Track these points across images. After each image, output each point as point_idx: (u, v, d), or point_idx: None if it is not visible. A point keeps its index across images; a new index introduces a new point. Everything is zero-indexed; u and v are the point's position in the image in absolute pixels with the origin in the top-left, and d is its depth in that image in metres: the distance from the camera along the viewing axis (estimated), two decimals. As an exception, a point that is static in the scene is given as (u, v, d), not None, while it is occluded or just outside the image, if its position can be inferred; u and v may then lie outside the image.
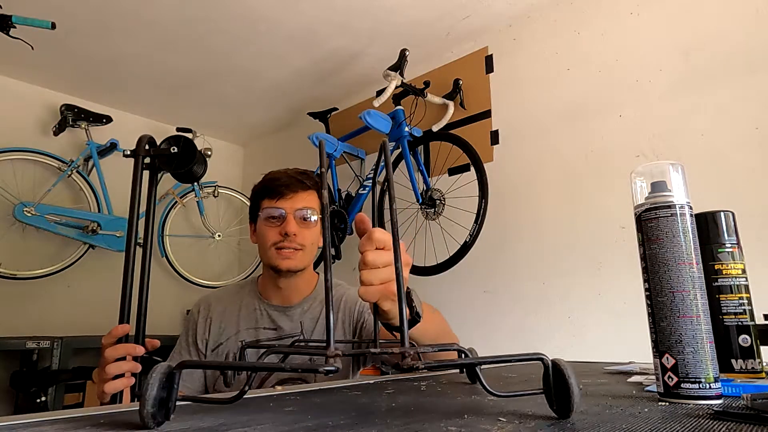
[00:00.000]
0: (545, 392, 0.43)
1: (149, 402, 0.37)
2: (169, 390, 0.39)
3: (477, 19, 2.37)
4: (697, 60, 1.83)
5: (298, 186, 1.12)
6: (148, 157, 0.94)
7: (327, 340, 0.40)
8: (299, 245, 1.12)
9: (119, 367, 0.84)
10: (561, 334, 2.01)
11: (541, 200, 2.17)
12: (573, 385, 0.40)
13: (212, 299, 1.22)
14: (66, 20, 2.29)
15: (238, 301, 1.20)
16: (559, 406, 0.41)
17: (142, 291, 0.91)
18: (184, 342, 1.19)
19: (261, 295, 1.20)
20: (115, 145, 2.93)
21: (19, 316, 2.75)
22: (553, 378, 0.42)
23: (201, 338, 1.16)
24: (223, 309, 1.19)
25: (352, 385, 0.69)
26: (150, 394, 0.37)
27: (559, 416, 0.41)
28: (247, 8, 2.28)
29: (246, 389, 0.42)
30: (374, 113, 2.32)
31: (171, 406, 0.39)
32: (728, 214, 0.68)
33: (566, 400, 0.40)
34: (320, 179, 0.47)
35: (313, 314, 1.17)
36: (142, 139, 0.93)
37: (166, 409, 0.39)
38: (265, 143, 3.80)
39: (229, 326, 1.16)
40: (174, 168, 0.95)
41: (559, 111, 2.18)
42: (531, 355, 0.44)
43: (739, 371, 0.63)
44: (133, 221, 0.88)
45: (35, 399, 2.31)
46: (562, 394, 0.41)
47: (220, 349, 1.14)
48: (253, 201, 1.18)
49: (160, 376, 0.38)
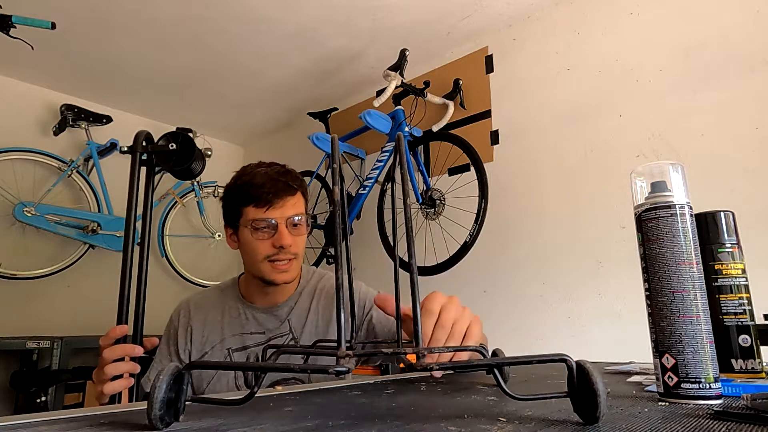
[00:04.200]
0: (570, 396, 0.40)
1: (157, 404, 0.36)
2: (177, 391, 0.39)
3: (477, 19, 2.37)
4: (697, 60, 1.83)
5: (286, 191, 1.04)
6: (145, 153, 0.92)
7: (338, 339, 0.40)
8: (293, 254, 1.06)
9: (117, 368, 0.83)
10: (561, 334, 2.01)
11: (541, 200, 2.17)
12: (600, 390, 0.37)
13: (192, 305, 1.14)
14: (66, 20, 2.29)
15: (221, 307, 1.13)
16: (584, 411, 0.39)
17: (140, 290, 0.90)
18: (165, 351, 1.12)
19: (244, 298, 1.13)
20: (115, 145, 2.93)
21: (19, 316, 2.75)
22: (577, 381, 0.39)
23: (183, 348, 1.09)
24: (204, 316, 1.12)
25: (352, 385, 0.69)
26: (158, 396, 0.36)
27: (585, 422, 0.39)
28: (247, 8, 2.28)
29: (256, 390, 0.42)
30: (374, 113, 2.32)
31: (180, 407, 0.39)
32: (728, 214, 0.68)
33: (593, 405, 0.37)
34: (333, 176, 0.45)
35: (302, 309, 1.11)
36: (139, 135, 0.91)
37: (175, 409, 0.39)
38: (265, 143, 3.80)
39: (212, 334, 1.10)
40: (172, 165, 0.93)
41: (559, 111, 2.18)
42: (553, 356, 0.41)
43: (739, 371, 0.63)
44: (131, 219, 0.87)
45: (35, 399, 2.31)
46: (587, 399, 0.38)
47: (204, 358, 1.07)
48: (232, 205, 1.07)
49: (168, 377, 0.38)
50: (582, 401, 0.39)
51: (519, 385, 0.67)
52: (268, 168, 1.06)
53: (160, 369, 0.38)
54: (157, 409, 0.36)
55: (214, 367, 0.45)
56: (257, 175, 1.04)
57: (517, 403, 0.49)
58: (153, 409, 0.36)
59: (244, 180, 1.05)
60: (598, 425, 0.38)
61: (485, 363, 0.44)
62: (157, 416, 0.36)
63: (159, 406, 0.36)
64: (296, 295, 1.13)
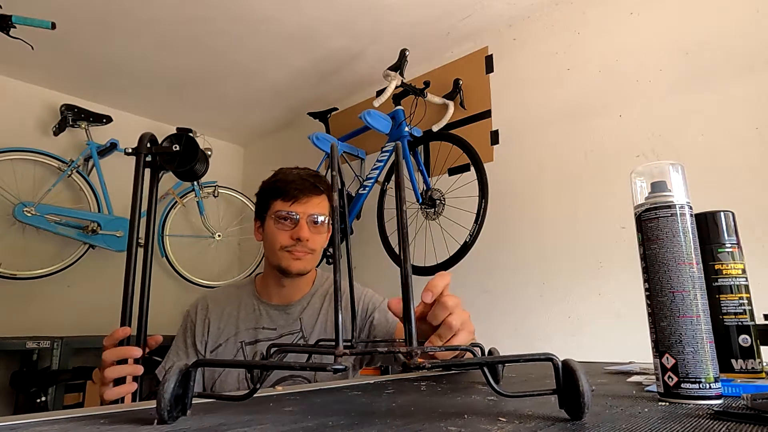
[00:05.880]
0: (557, 393, 0.42)
1: (166, 399, 0.38)
2: (185, 387, 0.40)
3: (477, 19, 2.37)
4: (697, 60, 1.83)
5: (312, 191, 1.13)
6: (149, 154, 0.93)
7: (336, 339, 0.41)
8: (310, 249, 1.13)
9: (119, 371, 0.83)
10: (561, 334, 2.01)
11: (541, 200, 2.17)
12: (584, 387, 0.39)
13: (209, 300, 1.21)
14: (66, 20, 2.29)
15: (237, 302, 1.19)
16: (570, 407, 0.40)
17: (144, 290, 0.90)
18: (181, 343, 1.18)
19: (260, 295, 1.20)
20: (115, 145, 2.93)
21: (19, 316, 2.75)
22: (563, 379, 0.41)
23: (200, 340, 1.16)
24: (222, 310, 1.18)
25: (352, 385, 0.69)
26: (167, 391, 0.38)
27: (572, 418, 0.40)
28: (247, 8, 2.28)
29: (258, 387, 0.43)
30: (374, 113, 2.32)
31: (188, 402, 0.41)
32: (728, 214, 0.68)
33: (577, 401, 0.39)
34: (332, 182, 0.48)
35: (313, 309, 1.17)
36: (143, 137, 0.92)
37: (183, 405, 0.40)
38: (265, 143, 3.80)
39: (227, 327, 1.16)
40: (176, 166, 0.94)
41: (559, 111, 2.18)
42: (540, 355, 0.43)
43: (739, 371, 0.63)
44: (135, 220, 0.87)
45: (35, 399, 2.31)
46: (573, 396, 0.40)
47: (219, 350, 1.14)
48: (262, 198, 1.17)
49: (177, 374, 0.39)
50: (568, 398, 0.40)
51: (518, 385, 0.67)
52: (301, 170, 1.17)
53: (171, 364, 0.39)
54: (166, 404, 0.38)
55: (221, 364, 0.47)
56: (290, 174, 1.15)
57: (517, 403, 0.49)
58: (162, 404, 0.37)
59: (278, 177, 1.16)
60: (584, 422, 0.39)
61: (475, 362, 0.46)
62: (166, 411, 0.37)
63: (168, 402, 0.38)
64: (309, 296, 1.19)
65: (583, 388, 0.39)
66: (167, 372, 0.39)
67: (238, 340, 1.14)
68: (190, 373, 0.41)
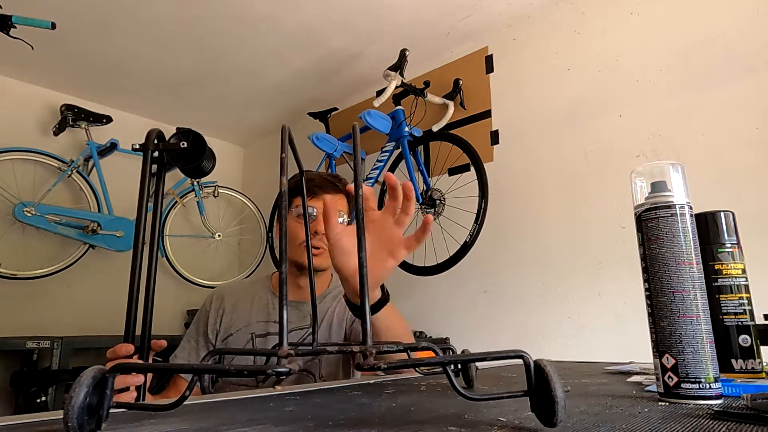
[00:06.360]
0: (528, 395, 0.37)
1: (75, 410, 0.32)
2: (99, 396, 0.35)
3: (477, 19, 2.37)
4: (697, 60, 1.83)
5: (330, 187, 1.17)
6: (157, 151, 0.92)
7: (279, 338, 0.37)
8: (326, 244, 1.14)
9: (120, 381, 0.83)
10: (561, 334, 2.01)
11: (542, 200, 2.17)
12: (558, 396, 0.34)
13: (226, 291, 1.25)
14: (66, 20, 2.29)
15: (251, 295, 1.23)
16: (542, 413, 0.36)
17: (148, 291, 0.90)
18: (193, 332, 1.21)
19: (274, 291, 1.23)
20: (116, 145, 2.93)
21: (19, 316, 2.75)
22: (535, 381, 0.36)
23: (212, 328, 1.19)
24: (236, 301, 1.22)
25: (352, 385, 0.69)
26: (76, 402, 0.33)
27: (544, 424, 0.36)
28: (247, 8, 2.28)
29: (187, 394, 0.38)
30: (374, 113, 2.32)
31: (102, 413, 0.35)
32: (728, 214, 0.68)
33: (550, 408, 0.34)
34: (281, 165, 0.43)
35: (324, 309, 1.20)
36: (151, 133, 0.91)
37: (98, 416, 0.35)
38: (265, 143, 3.80)
39: (240, 318, 1.19)
40: (183, 163, 0.93)
41: (559, 111, 2.18)
42: (509, 353, 0.38)
43: (739, 371, 0.63)
44: (142, 217, 0.86)
45: (35, 399, 2.30)
46: (545, 401, 0.35)
47: (230, 339, 1.17)
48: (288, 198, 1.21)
49: (89, 381, 0.34)
50: (539, 402, 0.36)
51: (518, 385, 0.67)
52: (323, 172, 1.25)
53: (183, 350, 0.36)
54: (75, 415, 0.32)
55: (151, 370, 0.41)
56: (313, 174, 1.21)
57: (517, 403, 0.49)
58: (70, 415, 0.32)
59: None
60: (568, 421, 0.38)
61: (437, 361, 0.41)
62: (75, 424, 0.32)
63: (77, 413, 0.32)
64: (322, 296, 1.22)
65: (556, 397, 0.34)
66: (78, 378, 0.34)
67: (249, 331, 1.17)
68: (107, 379, 0.35)
